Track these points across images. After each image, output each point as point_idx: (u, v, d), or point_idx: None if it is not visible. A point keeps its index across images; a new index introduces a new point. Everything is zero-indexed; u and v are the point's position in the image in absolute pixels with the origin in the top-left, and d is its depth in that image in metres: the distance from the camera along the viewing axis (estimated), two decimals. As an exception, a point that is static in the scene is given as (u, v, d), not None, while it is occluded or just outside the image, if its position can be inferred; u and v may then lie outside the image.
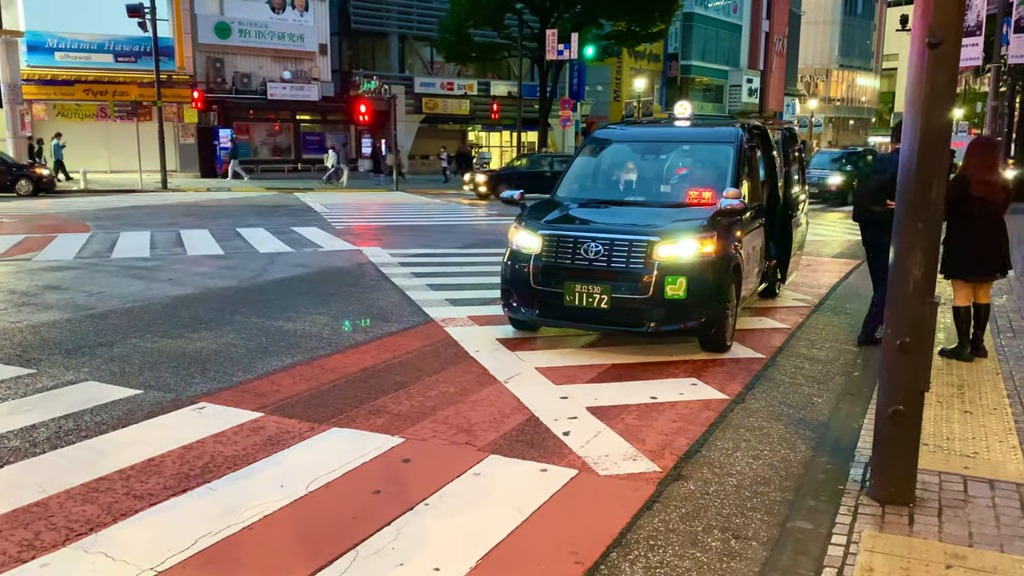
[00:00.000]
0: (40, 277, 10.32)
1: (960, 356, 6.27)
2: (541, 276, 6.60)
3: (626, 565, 3.36)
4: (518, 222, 7.04)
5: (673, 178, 7.65)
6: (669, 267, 6.23)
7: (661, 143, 8.27)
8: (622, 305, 6.31)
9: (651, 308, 6.27)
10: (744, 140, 7.50)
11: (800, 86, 70.47)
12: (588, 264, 6.40)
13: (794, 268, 9.29)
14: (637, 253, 6.30)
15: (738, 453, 4.62)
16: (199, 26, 33.78)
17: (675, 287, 6.19)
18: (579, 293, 6.37)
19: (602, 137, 8.63)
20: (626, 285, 6.29)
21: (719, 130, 8.41)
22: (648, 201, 7.35)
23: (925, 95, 3.56)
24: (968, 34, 13.02)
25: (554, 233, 6.66)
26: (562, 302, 6.46)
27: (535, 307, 6.72)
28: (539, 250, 6.65)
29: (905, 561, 3.28)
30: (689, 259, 6.26)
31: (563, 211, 7.21)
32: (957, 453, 4.44)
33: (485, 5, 31.49)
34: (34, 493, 3.98)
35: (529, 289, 6.68)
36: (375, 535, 3.60)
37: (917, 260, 3.62)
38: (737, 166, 7.21)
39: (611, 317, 6.39)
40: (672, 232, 6.36)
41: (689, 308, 6.27)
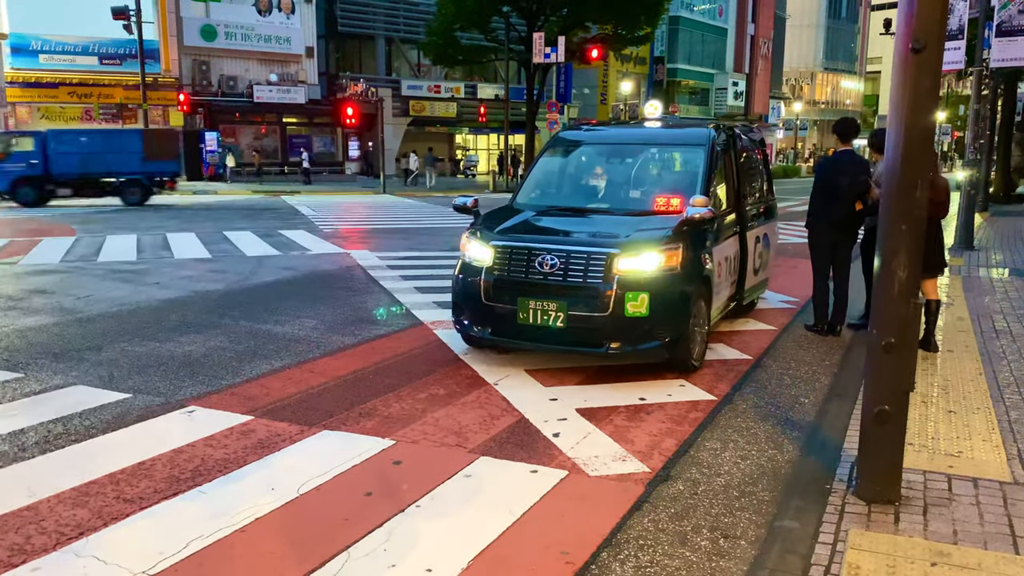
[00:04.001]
0: (26, 281, 10.26)
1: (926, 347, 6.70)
2: (493, 291, 6.06)
3: (616, 565, 3.39)
4: (470, 232, 6.49)
5: (640, 184, 7.17)
6: (630, 282, 5.74)
7: (628, 146, 7.75)
8: (579, 323, 5.80)
9: (610, 327, 5.76)
10: (717, 142, 7.08)
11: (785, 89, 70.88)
12: (543, 278, 5.88)
13: (756, 288, 8.26)
14: (595, 267, 5.80)
15: (726, 453, 4.66)
16: (185, 28, 33.66)
17: (636, 304, 5.70)
18: (533, 310, 5.86)
19: (566, 139, 8.15)
20: (583, 301, 5.78)
21: (690, 132, 7.84)
22: (612, 209, 6.83)
23: (908, 98, 3.61)
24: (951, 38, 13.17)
25: (507, 244, 6.11)
26: (515, 319, 5.94)
27: (487, 325, 6.17)
28: (491, 263, 6.11)
29: (891, 559, 3.32)
30: (652, 273, 5.79)
31: (519, 220, 6.67)
32: (941, 452, 4.50)
33: (471, 8, 31.52)
34: (24, 497, 3.97)
35: (480, 305, 6.14)
36: (366, 537, 3.61)
37: (901, 262, 3.67)
38: (708, 170, 6.76)
39: (567, 336, 5.87)
40: (633, 244, 5.87)
41: (652, 326, 5.79)
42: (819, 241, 7.48)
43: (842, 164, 7.25)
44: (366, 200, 26.81)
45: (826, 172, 7.33)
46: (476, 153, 47.40)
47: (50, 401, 5.47)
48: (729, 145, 7.46)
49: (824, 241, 7.42)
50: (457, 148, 45.54)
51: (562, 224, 6.66)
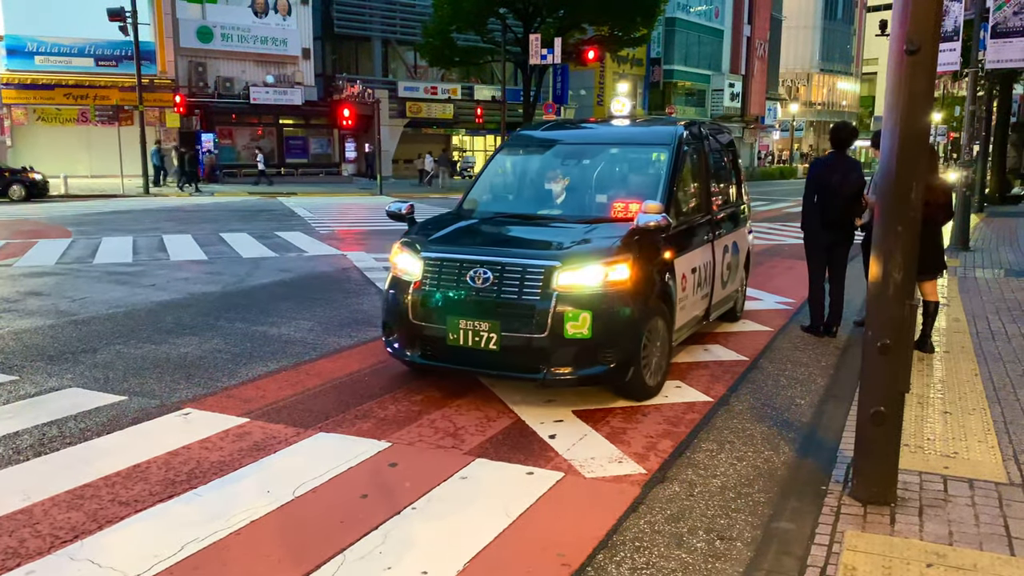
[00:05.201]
0: (21, 283, 10.24)
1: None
2: (421, 309, 5.45)
3: (612, 567, 3.39)
4: (401, 242, 5.87)
5: (598, 187, 6.58)
6: (570, 299, 5.13)
7: (587, 146, 7.16)
8: (514, 346, 5.18)
9: (549, 350, 5.13)
10: (684, 142, 6.57)
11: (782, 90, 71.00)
12: (475, 295, 5.28)
13: (724, 303, 7.58)
14: (531, 281, 5.18)
15: (722, 455, 4.66)
16: (181, 30, 33.63)
17: (577, 324, 5.07)
18: (464, 331, 5.25)
19: (522, 139, 7.57)
20: (519, 321, 5.15)
21: (655, 131, 7.31)
22: (565, 215, 6.22)
23: (904, 100, 3.62)
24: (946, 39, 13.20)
25: (437, 256, 5.52)
26: (445, 341, 5.35)
27: (416, 347, 5.58)
28: (420, 276, 5.52)
29: (887, 560, 3.32)
30: (595, 289, 5.17)
31: (456, 228, 6.12)
32: (937, 453, 4.51)
33: (468, 10, 31.55)
34: (18, 500, 3.96)
35: (408, 325, 5.53)
36: (362, 539, 3.60)
37: (897, 263, 3.67)
38: (672, 173, 6.22)
39: (502, 360, 5.25)
40: (575, 256, 5.28)
41: (597, 349, 5.16)
42: (815, 242, 7.49)
43: (834, 164, 7.27)
44: (363, 201, 26.79)
45: (819, 172, 7.34)
46: (473, 155, 47.39)
47: (45, 404, 5.46)
48: (699, 146, 7.03)
49: (820, 242, 7.43)
50: (454, 149, 45.52)
51: (503, 233, 6.08)
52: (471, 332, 5.25)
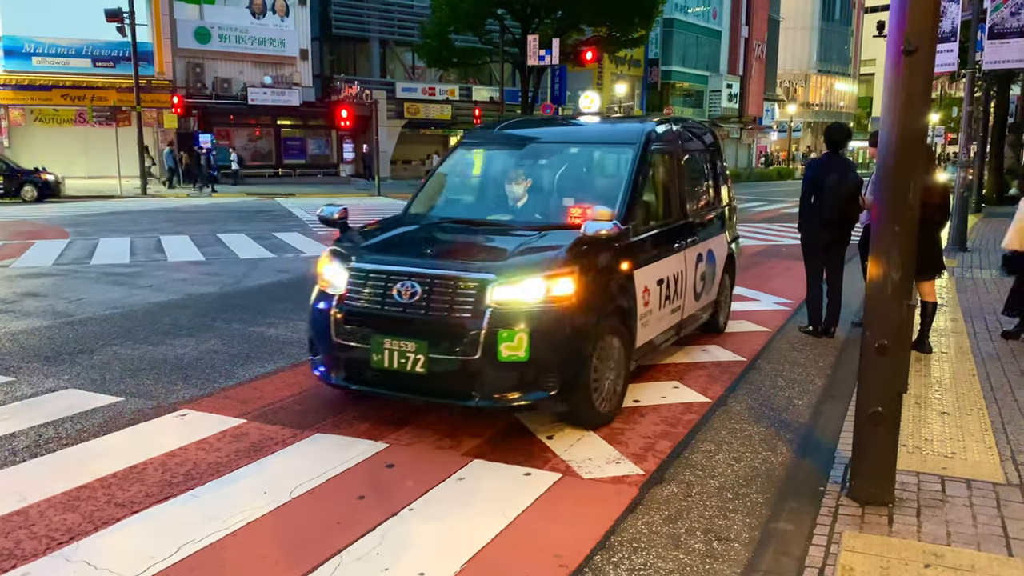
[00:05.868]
0: (18, 284, 10.22)
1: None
2: (344, 326, 4.91)
3: (610, 568, 3.38)
4: (330, 250, 5.34)
5: (555, 190, 6.06)
6: (506, 316, 4.56)
7: (545, 146, 6.61)
8: (442, 369, 4.60)
9: (480, 374, 4.57)
10: (653, 141, 6.03)
11: (779, 91, 71.09)
12: (401, 311, 4.72)
13: (701, 314, 7.01)
14: (463, 296, 4.64)
15: (720, 455, 4.66)
16: (179, 31, 33.61)
17: (512, 344, 4.52)
18: (389, 351, 4.68)
19: (478, 138, 7.11)
20: (448, 341, 4.59)
21: (620, 129, 6.83)
22: (515, 222, 5.69)
23: (901, 101, 3.62)
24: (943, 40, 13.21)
25: (363, 267, 4.97)
26: (370, 363, 4.79)
27: (340, 369, 5.00)
28: (344, 290, 4.98)
29: (885, 560, 3.32)
30: (534, 305, 4.61)
31: (390, 235, 5.67)
32: (935, 454, 4.50)
33: (466, 11, 31.54)
34: (14, 502, 3.95)
35: (331, 344, 4.97)
36: (359, 540, 3.60)
37: (894, 263, 3.67)
38: (636, 175, 5.68)
39: (429, 385, 4.71)
40: (512, 268, 4.72)
41: (536, 373, 4.60)
42: (812, 243, 7.49)
43: (830, 164, 7.27)
44: (361, 202, 26.76)
45: (816, 173, 7.35)
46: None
47: (41, 405, 5.44)
48: (671, 146, 6.50)
49: (816, 243, 7.43)
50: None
51: (441, 241, 5.55)
52: (396, 353, 4.67)
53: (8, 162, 24.79)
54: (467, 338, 4.57)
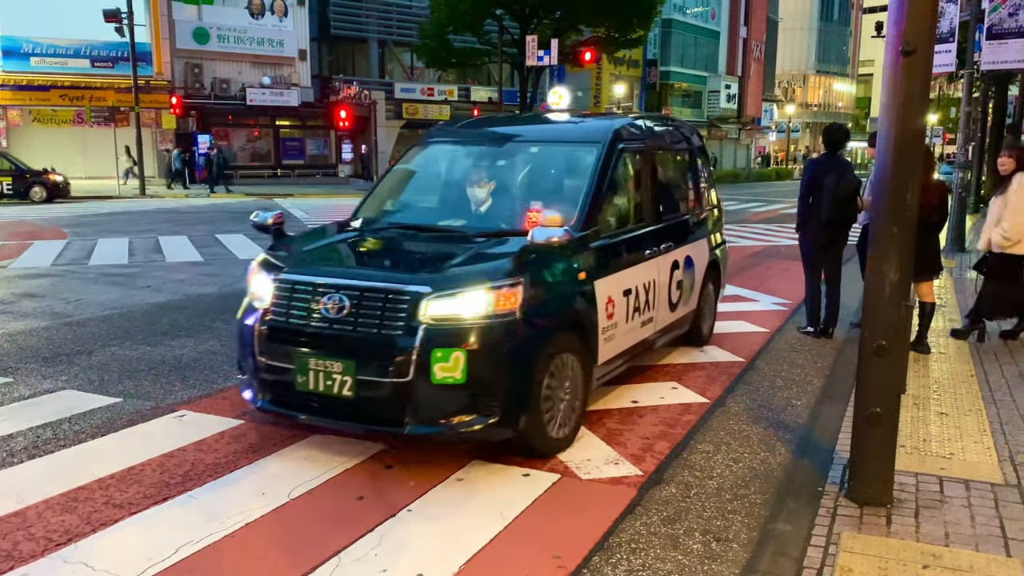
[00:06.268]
0: (16, 284, 10.21)
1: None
2: (269, 344, 4.47)
3: (608, 568, 3.38)
4: (260, 259, 4.95)
5: (513, 193, 5.66)
6: (441, 334, 4.13)
7: (504, 145, 6.19)
8: (371, 393, 4.18)
9: (412, 398, 4.13)
10: (620, 140, 5.63)
11: (778, 91, 71.12)
12: (328, 327, 4.30)
13: (677, 326, 6.51)
14: (394, 310, 4.20)
15: (718, 456, 4.66)
16: (177, 31, 33.58)
17: (447, 365, 4.08)
18: (314, 371, 4.26)
19: (435, 138, 6.58)
20: (377, 361, 4.15)
21: (584, 127, 6.38)
22: (467, 227, 5.25)
23: (899, 101, 3.62)
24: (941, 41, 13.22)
25: (289, 279, 4.54)
26: (295, 385, 4.37)
27: (266, 391, 4.58)
28: (269, 304, 4.55)
29: (883, 561, 3.32)
30: (474, 321, 4.18)
31: (327, 243, 5.33)
32: (933, 454, 4.51)
33: (465, 11, 31.53)
34: (12, 503, 3.94)
35: (254, 362, 4.55)
36: (358, 541, 3.59)
37: (893, 264, 3.67)
38: (600, 176, 5.27)
39: (358, 410, 4.29)
40: (450, 279, 4.31)
41: (474, 397, 4.17)
42: (810, 243, 7.50)
43: (829, 164, 7.28)
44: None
45: (814, 174, 7.35)
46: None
47: (39, 406, 5.44)
48: (643, 145, 6.09)
49: (815, 243, 7.44)
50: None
51: (380, 249, 5.19)
52: (322, 374, 4.25)
53: (17, 163, 24.74)
54: (398, 358, 4.11)
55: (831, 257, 7.50)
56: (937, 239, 6.80)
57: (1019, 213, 6.72)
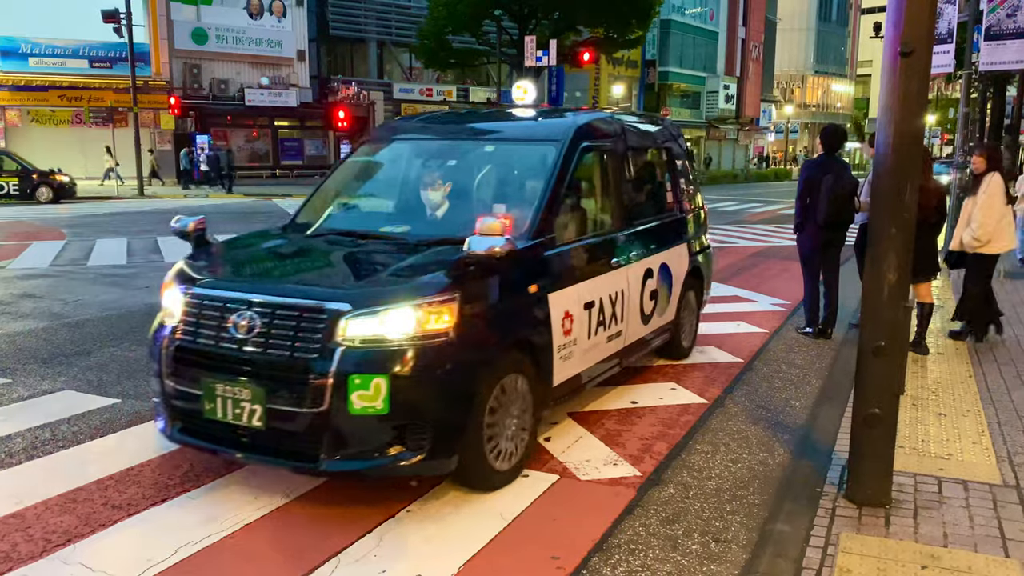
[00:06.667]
0: (14, 285, 10.20)
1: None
2: (176, 366, 4.04)
3: (607, 569, 3.39)
4: (175, 270, 4.43)
5: (462, 196, 5.09)
6: (361, 357, 3.67)
7: (457, 143, 5.64)
8: (282, 423, 3.74)
9: (328, 430, 3.66)
10: (583, 138, 5.14)
11: (776, 92, 71.14)
12: (237, 348, 3.85)
13: (648, 340, 5.98)
14: (308, 331, 3.74)
15: (717, 457, 4.66)
16: (176, 32, 33.58)
17: (367, 394, 3.61)
18: (222, 399, 3.83)
19: (384, 134, 6.13)
20: (289, 388, 3.70)
21: (543, 124, 5.77)
22: (409, 234, 4.74)
23: (898, 102, 3.63)
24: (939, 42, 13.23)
25: (200, 293, 4.08)
26: (203, 412, 3.93)
27: (176, 418, 4.13)
28: (179, 321, 4.11)
29: (881, 562, 3.32)
30: (400, 342, 3.71)
31: (248, 252, 4.84)
32: (932, 455, 4.51)
33: (463, 12, 31.55)
34: (10, 504, 3.94)
35: (162, 386, 4.13)
36: (357, 542, 3.59)
37: (891, 265, 3.68)
38: (558, 178, 4.76)
39: (269, 443, 3.84)
40: (374, 294, 3.83)
41: (399, 430, 3.70)
42: (808, 243, 7.51)
43: (827, 165, 7.29)
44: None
45: (811, 174, 7.36)
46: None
47: (38, 407, 5.43)
48: (611, 144, 5.57)
49: (813, 244, 7.45)
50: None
51: (305, 260, 4.72)
52: (231, 402, 3.81)
53: (24, 163, 24.72)
54: (312, 385, 3.65)
55: (829, 258, 7.51)
56: (935, 240, 6.82)
57: (988, 213, 6.73)
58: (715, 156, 59.44)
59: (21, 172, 24.30)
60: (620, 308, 5.35)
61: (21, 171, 24.32)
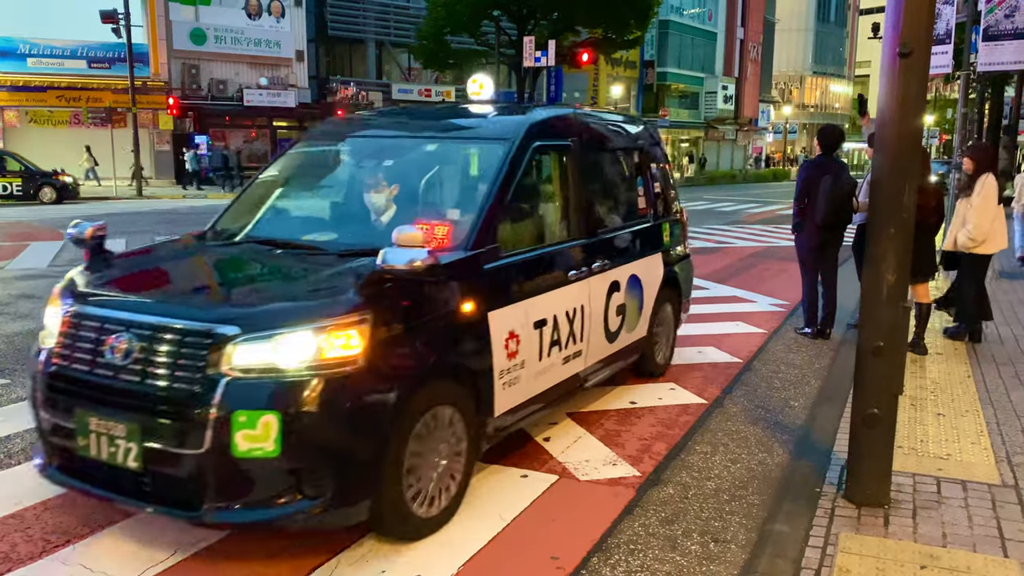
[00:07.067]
0: (13, 286, 10.19)
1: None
2: (51, 394, 3.53)
3: (607, 570, 3.39)
4: (61, 285, 3.89)
5: (399, 200, 4.52)
6: (248, 390, 3.15)
7: (396, 141, 5.10)
8: (160, 465, 3.23)
9: (210, 475, 3.15)
10: (535, 137, 4.60)
11: (775, 93, 71.21)
12: (112, 376, 3.34)
13: (615, 358, 5.46)
14: (190, 357, 3.23)
15: (716, 457, 4.66)
16: (174, 32, 33.55)
17: (255, 434, 3.08)
18: (96, 435, 3.32)
19: (322, 132, 5.70)
20: (167, 425, 3.19)
21: (492, 121, 5.28)
22: (332, 245, 4.22)
23: (896, 103, 3.63)
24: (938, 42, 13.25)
25: (80, 311, 3.56)
26: (77, 448, 3.41)
27: (54, 454, 3.61)
28: (56, 343, 3.59)
29: (880, 562, 3.33)
30: (297, 372, 3.18)
31: (143, 263, 4.35)
32: (931, 455, 4.52)
33: (462, 12, 31.56)
34: (10, 505, 3.94)
35: (37, 417, 3.65)
36: (357, 543, 3.59)
37: (890, 265, 3.68)
38: (504, 181, 4.22)
39: (147, 487, 3.30)
40: (267, 316, 3.31)
41: (293, 475, 3.18)
42: (806, 244, 7.52)
43: (825, 165, 7.30)
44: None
45: (810, 175, 7.37)
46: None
47: (37, 407, 5.42)
48: (574, 143, 5.03)
49: (811, 244, 7.46)
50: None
51: (203, 274, 4.16)
52: (105, 438, 3.29)
53: (27, 164, 24.71)
54: (191, 422, 3.14)
55: (827, 258, 7.52)
56: (933, 241, 6.83)
57: (983, 214, 6.76)
58: (714, 157, 59.48)
59: (25, 173, 24.32)
60: (580, 325, 4.81)
61: (25, 172, 24.33)
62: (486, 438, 4.08)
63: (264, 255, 4.18)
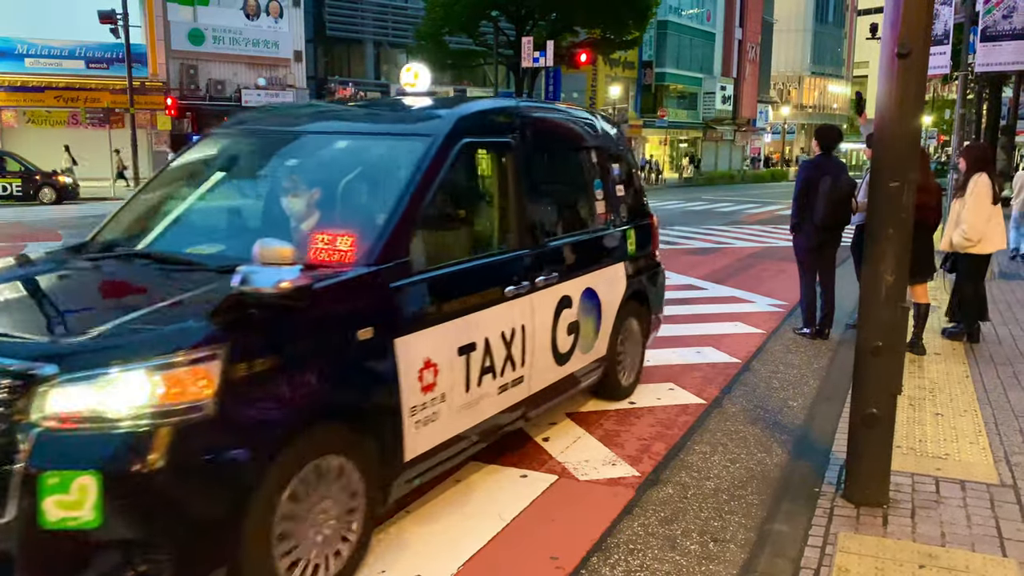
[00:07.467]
0: (11, 286, 10.17)
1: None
2: None
3: (606, 569, 3.39)
4: None
5: (300, 206, 3.80)
6: (62, 445, 2.55)
7: (302, 138, 4.42)
8: None
9: (16, 549, 2.55)
10: (464, 133, 3.98)
11: (773, 93, 71.30)
12: None
13: (567, 383, 4.86)
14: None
15: (715, 457, 4.67)
16: (172, 33, 33.54)
17: (68, 499, 2.48)
18: None
19: (226, 129, 4.77)
20: None
21: (414, 115, 4.55)
22: (215, 258, 3.66)
23: (895, 103, 3.64)
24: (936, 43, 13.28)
25: None
26: None
27: None
28: None
29: (879, 561, 3.33)
30: (128, 421, 2.57)
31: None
32: (929, 455, 4.52)
33: (460, 13, 31.58)
34: (9, 505, 3.93)
35: None
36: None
37: (889, 265, 3.69)
38: (421, 184, 3.62)
39: None
40: (93, 351, 2.69)
41: (120, 550, 2.57)
42: (805, 244, 7.53)
43: (823, 166, 7.31)
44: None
45: (809, 175, 7.37)
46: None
47: (36, 408, 5.41)
48: (513, 139, 4.38)
49: (809, 244, 7.47)
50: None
51: (39, 296, 3.48)
52: None
53: (27, 164, 24.70)
54: None
55: (826, 258, 7.53)
56: (932, 241, 6.83)
57: (976, 214, 6.75)
58: (712, 157, 59.53)
59: (24, 173, 24.32)
60: (520, 348, 4.21)
61: (24, 172, 24.33)
62: (396, 488, 3.48)
63: (128, 273, 3.63)
